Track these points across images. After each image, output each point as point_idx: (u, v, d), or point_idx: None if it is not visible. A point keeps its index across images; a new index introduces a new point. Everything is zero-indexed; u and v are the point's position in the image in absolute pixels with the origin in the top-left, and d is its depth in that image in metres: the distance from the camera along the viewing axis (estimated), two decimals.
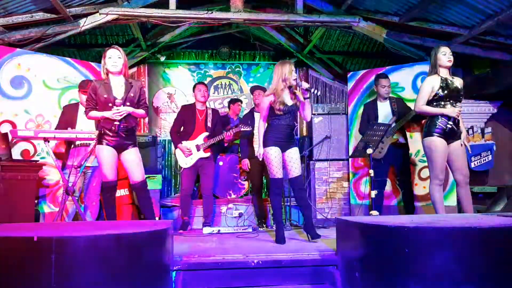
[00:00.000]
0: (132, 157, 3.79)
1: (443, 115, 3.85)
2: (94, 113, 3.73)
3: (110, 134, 3.70)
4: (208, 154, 4.89)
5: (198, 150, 4.87)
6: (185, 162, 4.90)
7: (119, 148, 3.76)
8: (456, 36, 5.20)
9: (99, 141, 3.74)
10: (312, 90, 3.72)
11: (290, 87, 3.82)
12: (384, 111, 4.95)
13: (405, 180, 4.90)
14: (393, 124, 4.74)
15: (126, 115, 3.70)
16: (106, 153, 3.72)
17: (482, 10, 4.59)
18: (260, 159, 3.96)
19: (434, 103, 3.89)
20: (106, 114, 3.65)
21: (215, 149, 5.17)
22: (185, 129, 4.97)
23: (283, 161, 3.84)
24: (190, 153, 4.86)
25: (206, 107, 5.05)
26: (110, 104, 3.67)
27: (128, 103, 3.71)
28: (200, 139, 4.89)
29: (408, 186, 4.91)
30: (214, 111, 5.16)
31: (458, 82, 3.95)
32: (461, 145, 3.93)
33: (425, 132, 3.96)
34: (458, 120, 3.91)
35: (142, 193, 3.87)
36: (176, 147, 4.96)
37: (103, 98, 3.68)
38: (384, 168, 4.83)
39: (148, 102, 3.92)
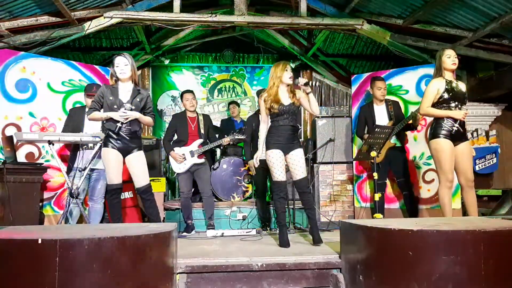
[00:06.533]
0: (136, 161, 3.83)
1: (449, 117, 3.85)
2: (96, 114, 3.75)
3: (114, 136, 3.73)
4: (202, 160, 4.94)
5: (192, 156, 4.91)
6: (178, 167, 4.96)
7: (124, 151, 3.79)
8: (460, 38, 5.19)
9: (105, 143, 3.78)
10: (310, 83, 3.70)
11: (288, 86, 3.79)
12: (381, 114, 5.00)
13: (405, 181, 4.92)
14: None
15: (131, 120, 3.76)
16: (111, 156, 3.75)
17: (486, 12, 4.59)
18: (256, 163, 3.93)
19: (439, 106, 3.88)
20: (112, 114, 3.70)
21: (211, 153, 5.20)
22: (179, 137, 5.01)
23: (286, 164, 3.81)
24: (183, 159, 4.89)
25: (197, 113, 5.08)
26: (116, 106, 3.72)
27: (133, 108, 3.77)
28: (194, 146, 4.93)
29: (408, 188, 4.92)
30: (205, 116, 5.20)
31: (462, 85, 3.97)
32: (469, 147, 3.94)
33: (431, 134, 3.95)
34: (464, 123, 3.91)
35: (147, 196, 3.89)
36: (168, 155, 5.01)
37: (109, 100, 3.73)
38: (383, 171, 4.88)
39: (152, 105, 3.98)
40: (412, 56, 5.73)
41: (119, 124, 3.71)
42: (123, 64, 3.74)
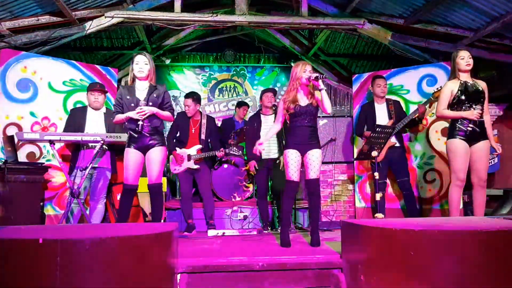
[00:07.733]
0: (154, 156, 3.82)
1: (462, 118, 3.90)
2: (118, 116, 3.81)
3: (135, 135, 3.76)
4: (197, 166, 4.92)
5: (189, 160, 4.91)
6: (174, 168, 4.99)
7: (145, 149, 3.82)
8: (462, 38, 5.18)
9: (128, 144, 3.82)
10: (322, 76, 3.68)
11: (307, 86, 3.78)
12: (382, 113, 5.00)
13: (406, 181, 4.92)
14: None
15: (150, 116, 3.76)
16: (132, 156, 3.78)
17: (488, 12, 4.58)
18: (257, 152, 3.87)
19: (455, 107, 3.95)
20: (130, 114, 3.72)
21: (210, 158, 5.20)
22: (180, 137, 5.01)
23: (303, 163, 3.78)
24: (182, 161, 4.90)
25: (201, 115, 5.05)
26: (133, 105, 3.75)
27: (150, 104, 3.77)
28: (193, 150, 4.94)
29: (409, 187, 4.92)
30: (210, 119, 5.14)
31: (480, 85, 4.00)
32: (487, 147, 3.97)
33: (448, 135, 4.04)
34: (482, 122, 3.93)
35: (155, 194, 3.91)
36: (170, 153, 5.01)
37: (127, 99, 3.77)
38: (383, 170, 4.88)
39: (170, 100, 3.97)
40: (413, 55, 5.72)
41: (140, 122, 3.72)
42: (143, 63, 3.77)
